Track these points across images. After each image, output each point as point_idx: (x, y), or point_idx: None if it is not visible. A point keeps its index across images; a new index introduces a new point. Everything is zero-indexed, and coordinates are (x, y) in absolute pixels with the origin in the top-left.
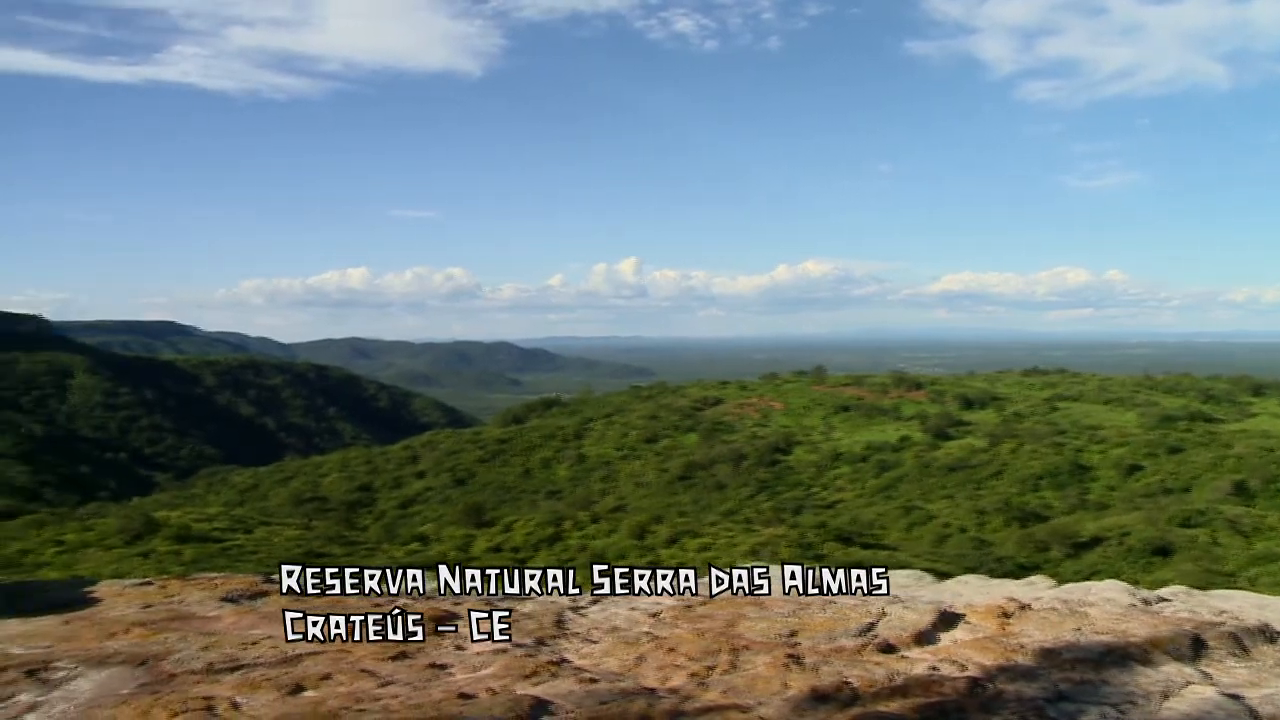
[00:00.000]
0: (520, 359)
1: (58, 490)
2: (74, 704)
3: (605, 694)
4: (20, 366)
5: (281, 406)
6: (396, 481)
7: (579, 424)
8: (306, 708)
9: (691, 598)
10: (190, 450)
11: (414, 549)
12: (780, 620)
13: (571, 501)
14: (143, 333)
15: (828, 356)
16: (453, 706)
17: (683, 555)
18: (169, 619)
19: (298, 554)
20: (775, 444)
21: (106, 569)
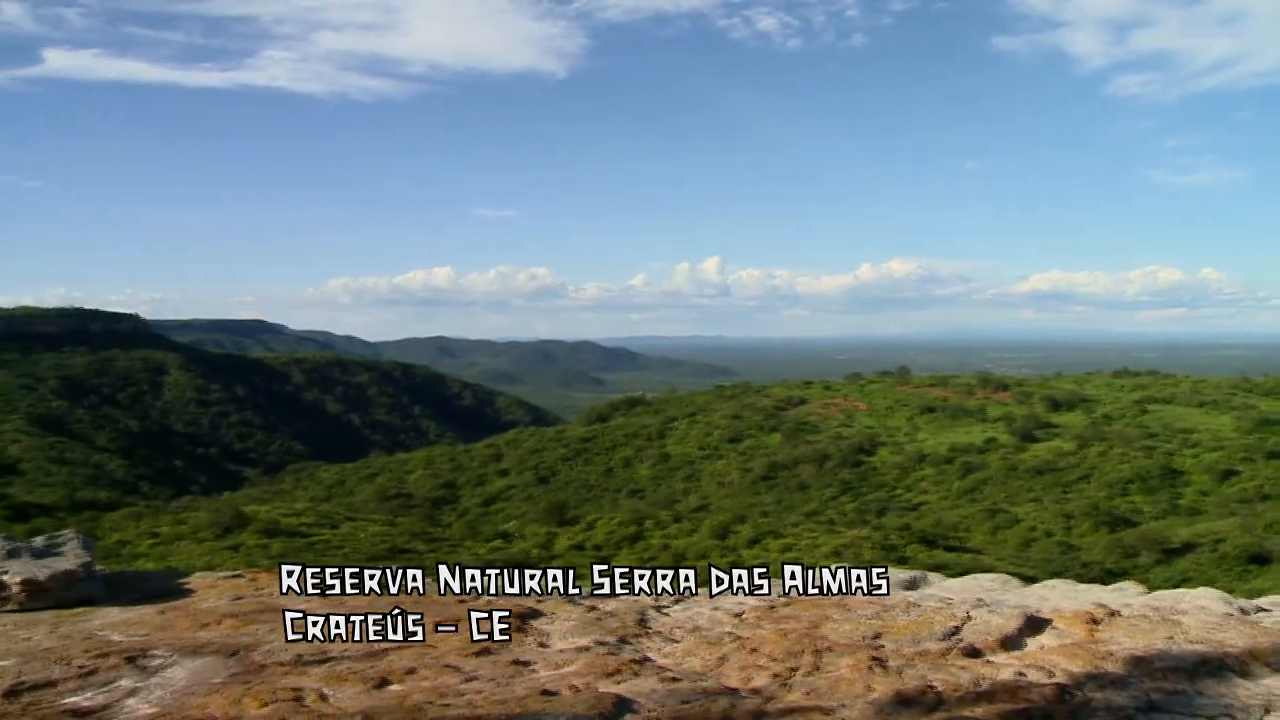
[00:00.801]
0: (603, 358)
1: (153, 484)
2: (170, 691)
3: (687, 693)
4: (119, 364)
5: (367, 404)
6: (480, 479)
7: (662, 423)
8: (392, 701)
9: (775, 598)
10: (278, 446)
11: (497, 546)
12: (864, 622)
13: (653, 501)
14: (233, 331)
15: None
16: (536, 703)
17: (765, 556)
18: (258, 611)
19: (382, 550)
20: (859, 445)
21: (198, 561)
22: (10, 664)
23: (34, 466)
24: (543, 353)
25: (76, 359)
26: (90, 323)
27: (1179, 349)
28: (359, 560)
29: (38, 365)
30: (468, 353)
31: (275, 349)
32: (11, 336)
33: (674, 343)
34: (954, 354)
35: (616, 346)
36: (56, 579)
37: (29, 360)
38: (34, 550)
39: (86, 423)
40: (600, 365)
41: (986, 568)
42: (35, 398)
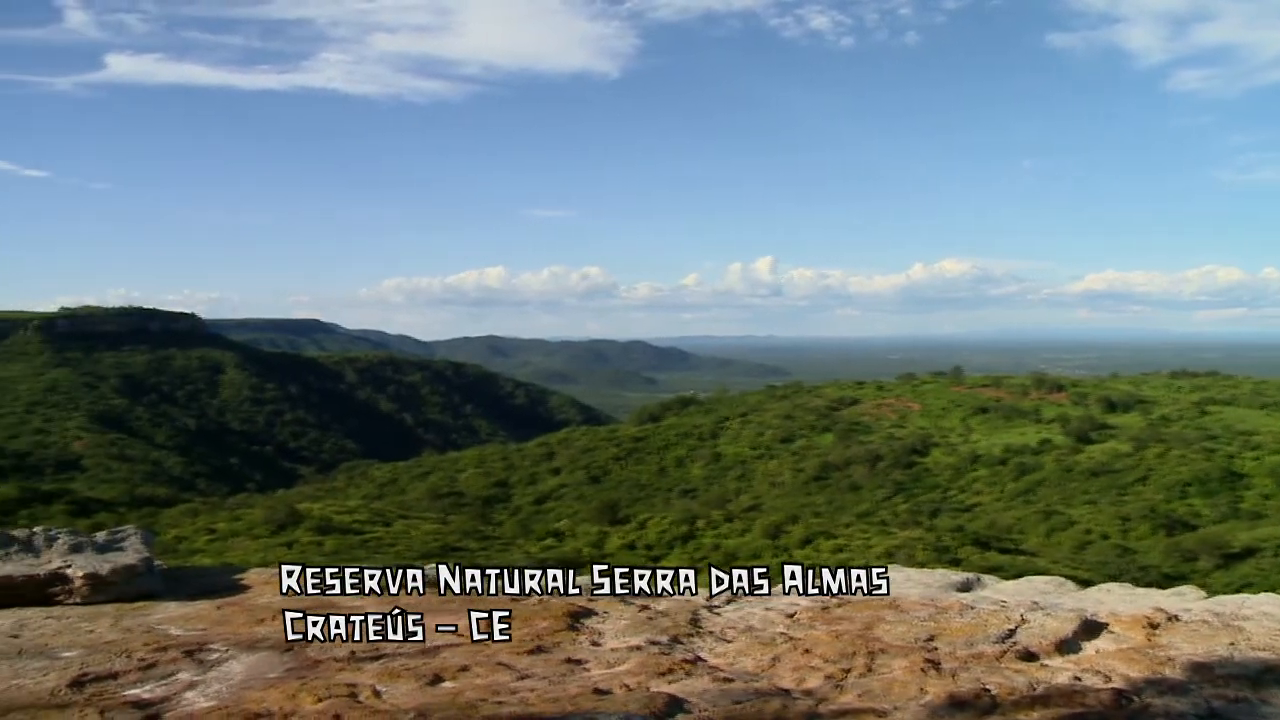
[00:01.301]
0: (655, 358)
1: (209, 481)
2: (227, 685)
3: (740, 693)
4: (176, 363)
5: (420, 403)
6: (532, 478)
7: (714, 423)
8: (445, 698)
9: (828, 599)
10: (332, 444)
11: (548, 545)
12: (918, 624)
13: (705, 500)
14: (288, 330)
15: (965, 357)
16: (588, 701)
17: (817, 557)
18: (313, 607)
19: (434, 547)
20: (912, 445)
21: (253, 557)
22: (75, 655)
23: (95, 463)
24: (595, 352)
25: (136, 358)
26: (149, 322)
27: (1240, 349)
28: (411, 558)
29: (99, 364)
30: (520, 352)
31: (329, 348)
32: (75, 336)
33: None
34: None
35: (668, 346)
36: (118, 573)
37: (91, 359)
38: (96, 545)
39: (145, 420)
40: (652, 365)
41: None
42: (96, 395)
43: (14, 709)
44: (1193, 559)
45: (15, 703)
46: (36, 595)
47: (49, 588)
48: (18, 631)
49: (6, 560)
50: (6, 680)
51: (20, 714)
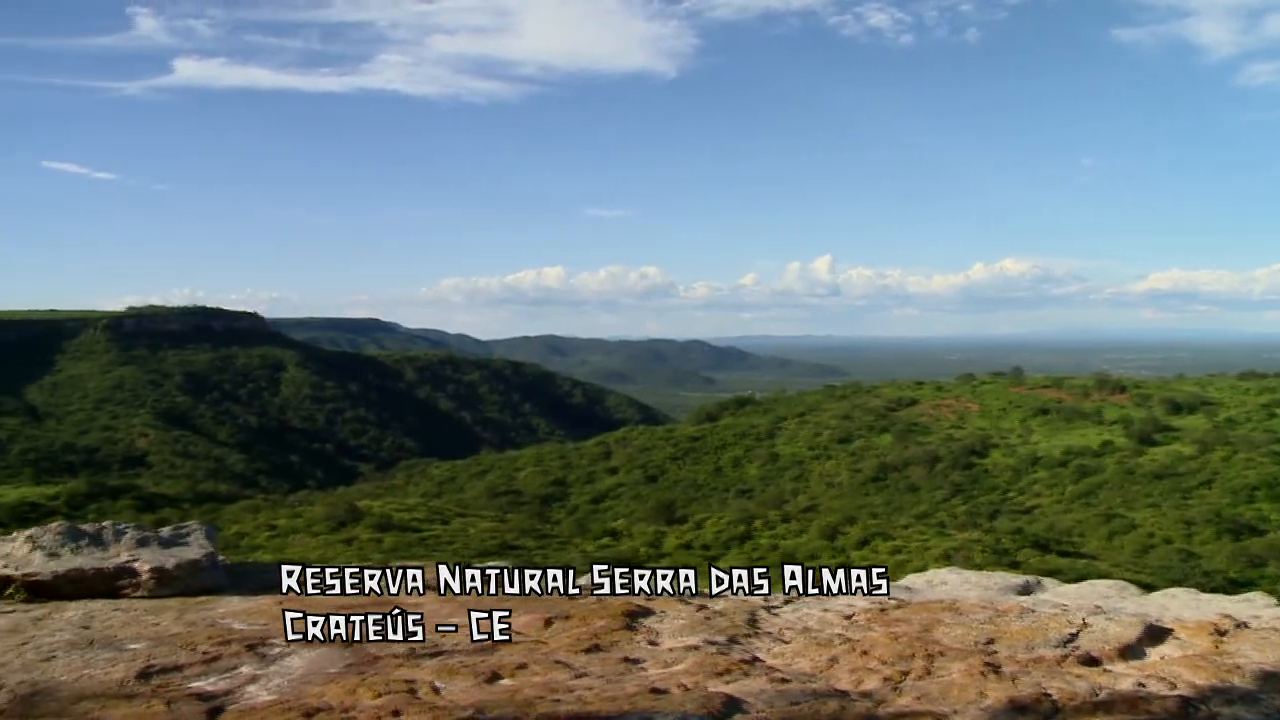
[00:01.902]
0: (713, 357)
1: (270, 478)
2: (288, 679)
3: (797, 694)
4: (238, 361)
5: (479, 402)
6: (589, 477)
7: (771, 423)
8: (503, 695)
9: (886, 601)
10: (391, 443)
11: (605, 544)
12: (977, 627)
13: (762, 500)
14: (348, 329)
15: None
16: (645, 700)
17: (874, 558)
18: (368, 606)
19: (492, 545)
20: (971, 446)
21: (313, 554)
22: (141, 647)
23: (160, 459)
24: (653, 352)
25: (200, 356)
26: (212, 321)
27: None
28: (468, 555)
29: (164, 362)
30: (578, 351)
31: (389, 347)
32: (141, 334)
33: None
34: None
35: (726, 346)
36: (182, 568)
37: (156, 357)
38: (162, 540)
39: (208, 418)
40: (710, 364)
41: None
42: (161, 393)
43: (85, 698)
44: (1260, 565)
45: (86, 692)
46: (104, 588)
47: (116, 581)
48: (88, 623)
49: (77, 553)
50: (78, 670)
51: (91, 702)
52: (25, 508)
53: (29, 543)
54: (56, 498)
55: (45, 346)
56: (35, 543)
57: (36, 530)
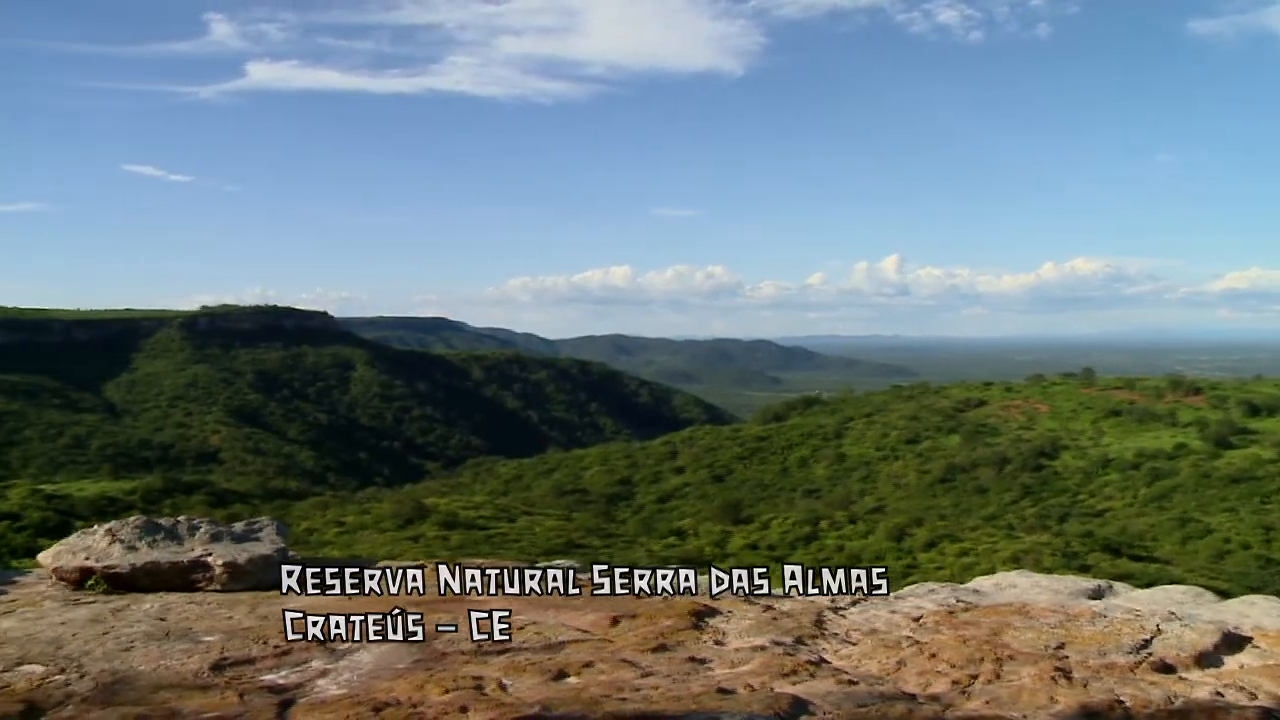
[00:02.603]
0: (780, 357)
1: (339, 475)
2: (357, 674)
3: (864, 696)
4: (309, 360)
5: (545, 400)
6: (655, 476)
7: (838, 423)
8: (569, 693)
9: (954, 603)
10: (458, 441)
11: (671, 543)
12: (1047, 631)
13: (829, 501)
14: (417, 328)
15: (1097, 358)
16: (711, 700)
17: (941, 560)
18: (434, 603)
19: (558, 544)
20: (1040, 448)
21: (380, 550)
22: (215, 639)
23: (232, 456)
24: (719, 351)
25: (271, 354)
26: (283, 320)
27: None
28: (534, 554)
29: (236, 360)
30: (645, 351)
31: (456, 346)
32: (214, 333)
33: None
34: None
35: (793, 345)
36: (254, 562)
37: (229, 355)
38: (234, 535)
39: (279, 415)
40: (777, 364)
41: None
42: (233, 391)
43: (162, 687)
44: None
45: (163, 682)
46: (180, 581)
47: (191, 574)
48: (164, 615)
49: (153, 547)
50: (155, 660)
51: (168, 692)
52: (104, 502)
53: (108, 536)
54: (133, 492)
55: (123, 345)
56: (114, 536)
57: (115, 524)
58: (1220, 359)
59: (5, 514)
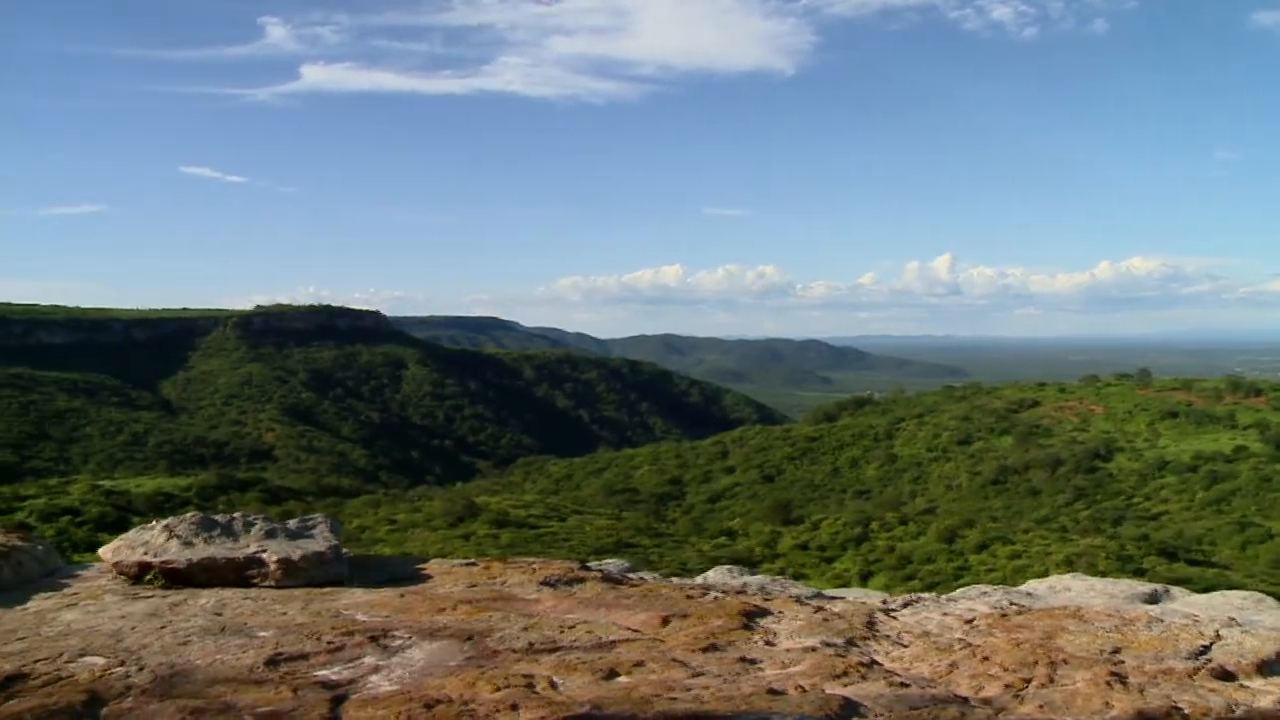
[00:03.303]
0: (831, 357)
1: (391, 473)
2: (409, 670)
3: (916, 699)
4: (362, 358)
5: (596, 400)
6: (706, 476)
7: (890, 423)
8: (619, 693)
9: (1007, 606)
10: (509, 440)
11: (721, 543)
12: (1102, 635)
13: (880, 502)
14: (468, 327)
15: (1153, 359)
16: (762, 701)
17: (993, 562)
18: (492, 599)
19: (608, 543)
20: (1095, 450)
21: (432, 548)
22: (269, 635)
23: (285, 453)
24: (770, 351)
25: (324, 353)
26: (337, 319)
27: None
28: (585, 553)
29: (290, 359)
30: (696, 350)
31: (508, 345)
32: (268, 332)
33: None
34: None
35: (844, 345)
36: (308, 559)
37: (283, 354)
38: (288, 531)
39: (332, 414)
40: (828, 364)
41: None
42: (287, 389)
43: (218, 681)
44: None
45: (219, 676)
46: (235, 577)
47: (246, 570)
48: (220, 610)
49: (209, 543)
50: (211, 654)
51: (223, 686)
52: (160, 498)
53: (166, 531)
54: (189, 489)
55: (179, 344)
56: (172, 532)
57: (173, 520)
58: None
59: (66, 509)
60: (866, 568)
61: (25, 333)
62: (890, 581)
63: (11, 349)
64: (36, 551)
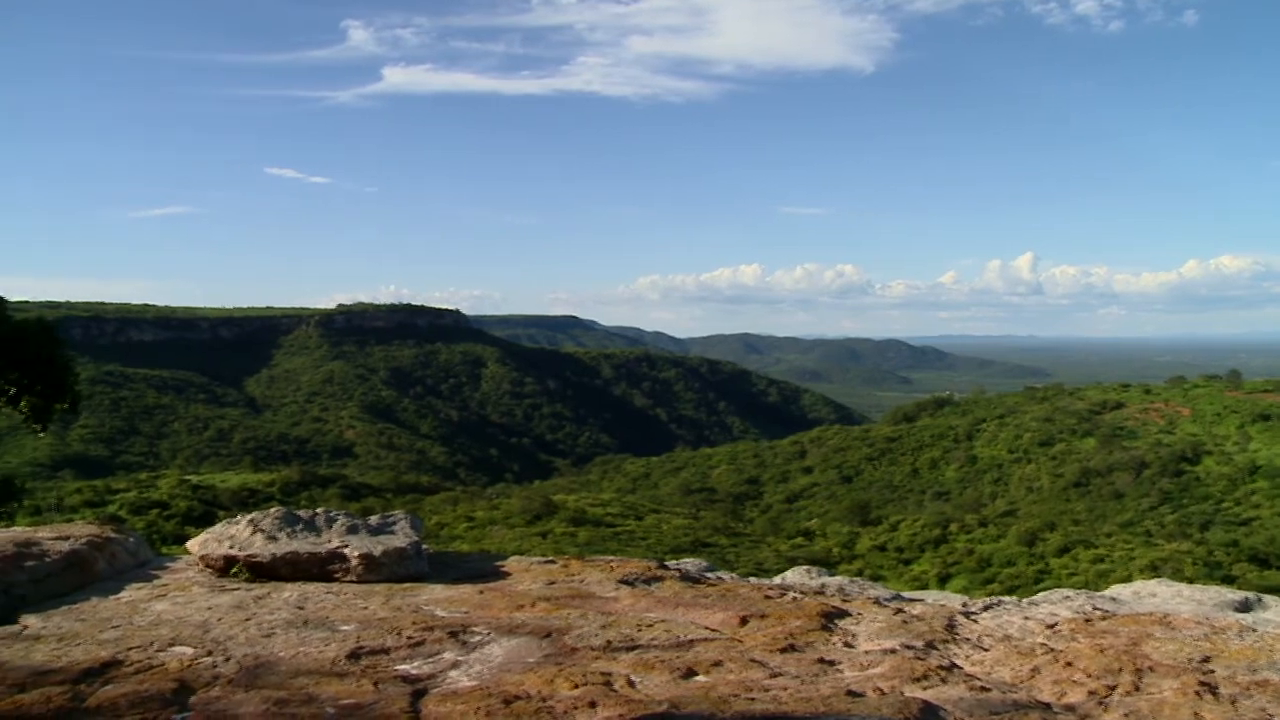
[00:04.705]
0: (910, 357)
1: (469, 470)
2: (488, 666)
3: (997, 704)
4: (441, 357)
5: (674, 399)
6: (783, 476)
7: (970, 424)
8: (697, 692)
9: (1091, 611)
10: (587, 438)
11: (798, 543)
12: (1191, 644)
13: (959, 504)
14: (547, 326)
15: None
16: (840, 703)
17: (1075, 566)
18: (570, 596)
19: (685, 542)
20: (1181, 453)
21: (509, 545)
22: (351, 629)
23: (366, 451)
24: (849, 350)
25: (404, 352)
26: (417, 318)
27: None
28: (662, 552)
29: (371, 357)
30: (774, 349)
31: (586, 344)
32: (350, 331)
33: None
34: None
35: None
36: (389, 555)
37: (364, 352)
38: (370, 527)
39: (411, 411)
40: (907, 364)
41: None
42: (368, 387)
43: (301, 673)
44: None
45: (302, 668)
46: (317, 571)
47: (328, 565)
48: (303, 604)
49: (293, 538)
50: (294, 647)
51: (306, 678)
52: (244, 493)
53: (251, 526)
54: (272, 484)
55: (263, 342)
56: (256, 526)
57: (258, 514)
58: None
59: (156, 503)
60: (945, 570)
61: (117, 331)
62: (969, 584)
63: (104, 347)
64: (128, 544)
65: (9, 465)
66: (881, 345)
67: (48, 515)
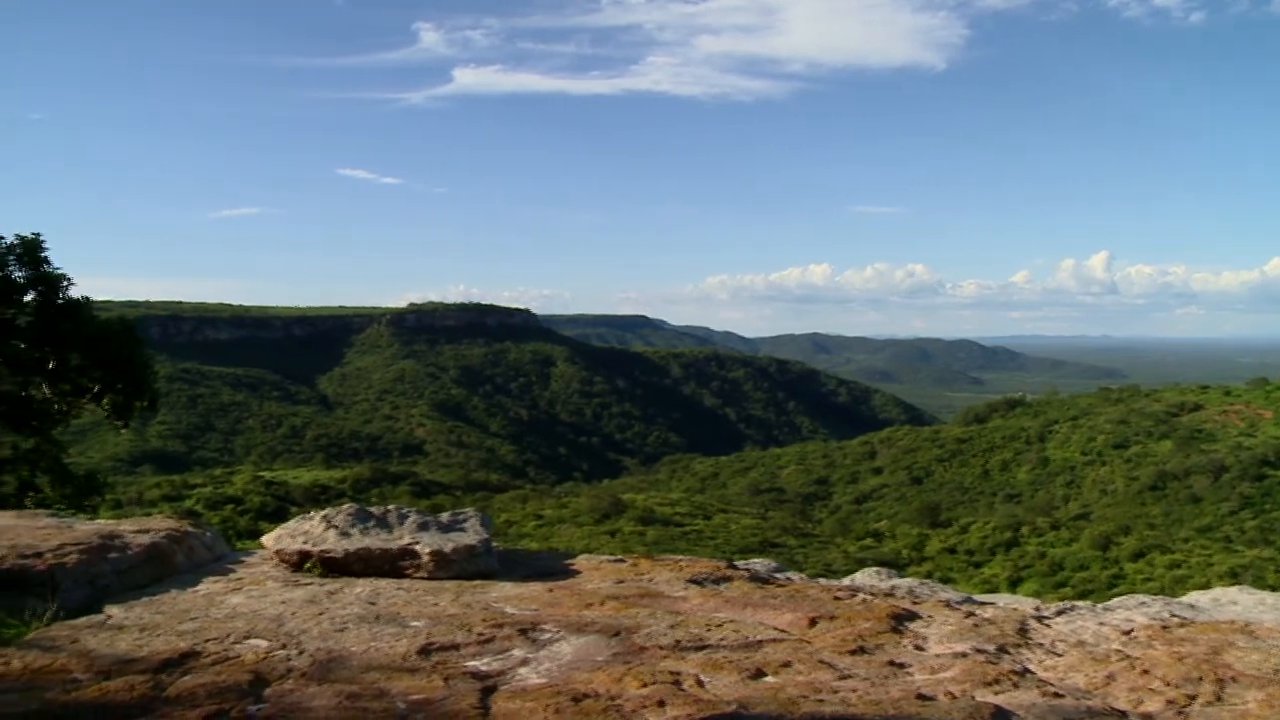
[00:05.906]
0: (982, 357)
1: (538, 469)
2: (557, 664)
3: (1071, 710)
4: (510, 356)
5: (743, 398)
6: (853, 476)
7: (1042, 426)
8: (767, 693)
9: (1169, 618)
10: (656, 437)
11: (867, 545)
12: (1276, 654)
13: (1031, 506)
14: (616, 326)
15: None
16: (911, 706)
17: (1150, 571)
18: (639, 595)
19: (753, 542)
20: (1263, 456)
21: (578, 544)
22: (421, 625)
23: (436, 448)
24: (920, 350)
25: (474, 350)
26: (486, 317)
27: None
28: (730, 552)
29: (441, 356)
30: (843, 349)
31: (655, 344)
32: (420, 329)
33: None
34: None
35: (996, 345)
36: (459, 552)
37: (434, 351)
38: (440, 525)
39: (481, 410)
40: (979, 364)
41: None
42: (438, 385)
43: (372, 668)
44: None
45: (373, 663)
46: (388, 567)
47: (399, 561)
48: (374, 599)
49: (365, 534)
50: (366, 641)
51: (377, 673)
52: (317, 489)
53: (324, 522)
54: (344, 481)
55: (336, 341)
56: (329, 522)
57: (330, 511)
58: None
59: (230, 498)
60: (1016, 573)
61: (194, 330)
62: (1041, 588)
63: (181, 345)
64: (205, 538)
65: (92, 460)
66: (952, 345)
67: (128, 509)
